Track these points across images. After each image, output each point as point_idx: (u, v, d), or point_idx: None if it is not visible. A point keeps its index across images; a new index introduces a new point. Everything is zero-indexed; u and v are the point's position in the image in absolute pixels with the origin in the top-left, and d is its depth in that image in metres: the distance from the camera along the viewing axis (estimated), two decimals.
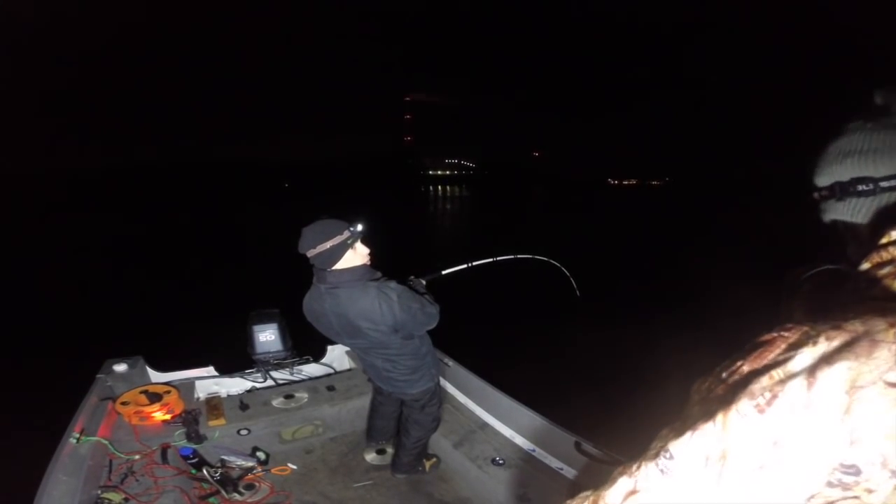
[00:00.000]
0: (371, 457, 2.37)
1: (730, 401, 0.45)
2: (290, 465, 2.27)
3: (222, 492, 1.98)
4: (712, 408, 0.47)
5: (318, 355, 3.01)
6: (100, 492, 1.78)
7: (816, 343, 0.44)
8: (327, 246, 1.71)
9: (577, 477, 1.94)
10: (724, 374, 0.50)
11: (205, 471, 2.04)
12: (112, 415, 2.23)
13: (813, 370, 0.42)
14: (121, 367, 2.55)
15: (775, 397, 0.43)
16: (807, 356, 0.43)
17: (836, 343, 0.43)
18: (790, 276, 0.74)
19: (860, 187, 0.61)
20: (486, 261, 2.34)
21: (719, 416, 0.45)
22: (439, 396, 2.22)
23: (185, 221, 24.61)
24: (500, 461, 2.14)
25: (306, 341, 2.76)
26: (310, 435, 2.46)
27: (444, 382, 2.60)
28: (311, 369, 2.92)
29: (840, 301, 0.54)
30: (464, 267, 2.30)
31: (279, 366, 2.78)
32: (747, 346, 0.50)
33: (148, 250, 14.41)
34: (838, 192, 0.64)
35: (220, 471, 2.08)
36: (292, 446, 2.40)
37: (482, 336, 5.42)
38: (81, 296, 8.62)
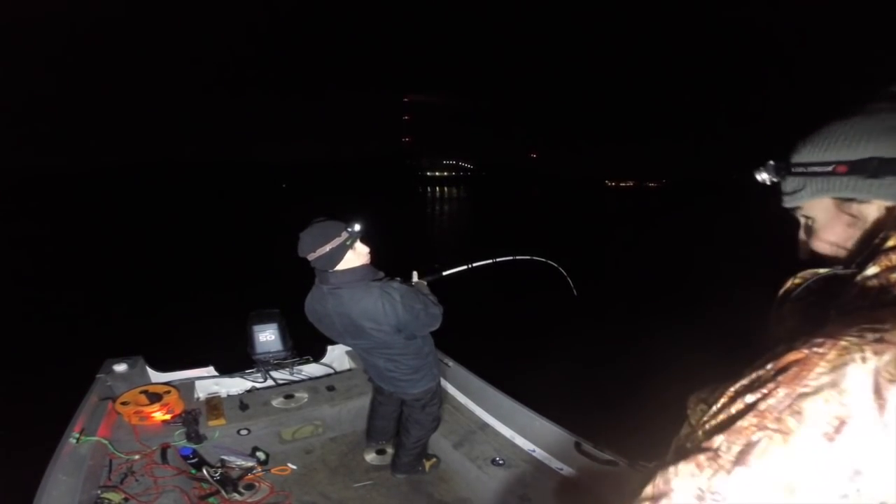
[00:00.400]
0: (371, 457, 2.37)
1: (783, 430, 0.41)
2: (290, 465, 2.27)
3: (222, 492, 1.98)
4: (757, 438, 0.42)
5: (318, 355, 3.01)
6: (100, 492, 1.78)
7: (865, 360, 0.40)
8: (326, 249, 1.71)
9: (577, 477, 1.95)
10: (750, 398, 0.45)
11: (205, 471, 2.03)
12: (112, 415, 2.23)
13: (878, 390, 0.39)
14: (121, 367, 2.55)
15: (843, 423, 0.40)
16: (860, 375, 0.40)
17: (887, 357, 0.40)
18: (786, 280, 0.72)
19: None
20: (485, 262, 2.35)
21: (776, 446, 0.41)
22: (440, 396, 2.22)
23: (184, 221, 24.62)
24: (500, 461, 2.14)
25: (306, 341, 2.76)
26: (310, 435, 2.46)
27: (444, 383, 2.60)
28: (311, 369, 2.92)
29: (842, 307, 0.52)
30: (464, 268, 2.30)
31: (279, 366, 2.78)
32: (768, 364, 0.45)
33: (147, 250, 14.41)
34: (873, 168, 0.56)
35: (220, 471, 2.08)
36: (292, 446, 2.39)
37: (482, 336, 5.42)
38: (81, 296, 8.62)
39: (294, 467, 2.26)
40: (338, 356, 3.07)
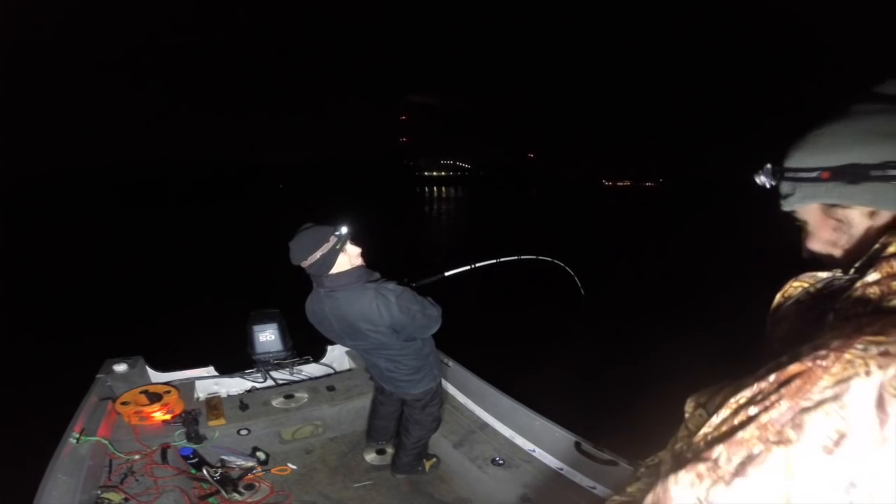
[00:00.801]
0: (371, 457, 2.37)
1: (783, 442, 0.41)
2: (290, 465, 2.27)
3: (222, 492, 1.98)
4: (757, 450, 0.42)
5: (318, 355, 3.01)
6: (100, 492, 1.78)
7: (870, 374, 0.40)
8: (317, 256, 1.72)
9: (577, 477, 1.95)
10: (753, 410, 0.45)
11: (205, 471, 2.03)
12: (112, 415, 2.23)
13: (881, 405, 0.39)
14: (121, 367, 2.55)
15: (843, 437, 0.40)
16: (864, 389, 0.40)
17: (892, 372, 0.39)
18: (784, 284, 0.72)
19: (892, 171, 0.55)
20: (489, 262, 2.31)
21: (777, 459, 0.41)
22: (440, 396, 2.22)
23: (183, 221, 24.62)
24: (500, 461, 2.14)
25: (306, 341, 2.76)
26: (310, 435, 2.46)
27: (444, 383, 2.60)
28: (311, 369, 2.93)
29: (840, 312, 0.52)
30: (467, 269, 2.27)
31: (279, 366, 2.78)
32: (771, 376, 0.45)
33: (147, 250, 14.41)
34: (851, 174, 0.57)
35: (220, 471, 2.08)
36: (292, 446, 2.40)
37: (483, 336, 5.42)
38: (81, 296, 8.62)
39: (294, 467, 2.26)
40: (338, 356, 3.08)
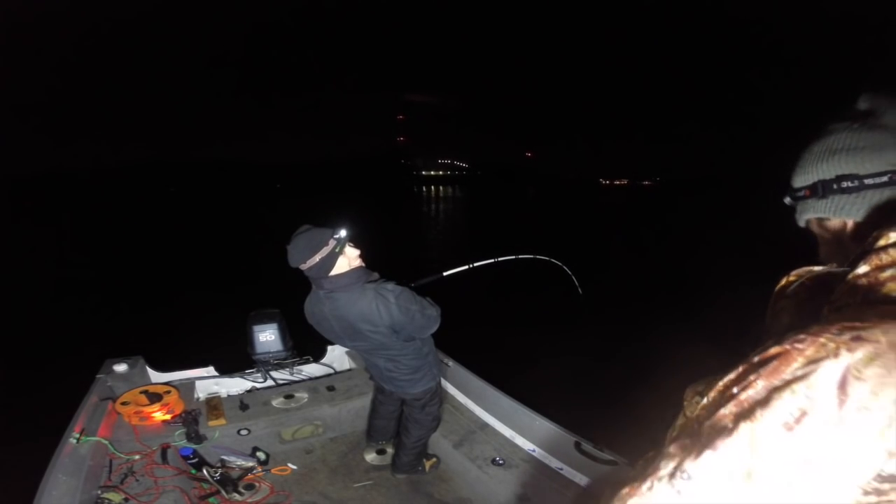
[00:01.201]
0: (371, 457, 2.37)
1: (751, 418, 0.44)
2: (290, 465, 2.27)
3: (222, 492, 1.98)
4: (730, 425, 0.45)
5: (318, 355, 3.01)
6: (100, 492, 1.78)
7: (838, 356, 0.42)
8: (317, 259, 1.71)
9: (577, 477, 1.95)
10: (735, 389, 0.48)
11: (205, 471, 2.03)
12: (112, 415, 2.23)
13: (843, 385, 0.41)
14: (121, 367, 2.55)
15: (805, 415, 0.42)
16: (831, 370, 0.42)
17: (860, 355, 0.41)
18: (781, 278, 0.75)
19: (845, 184, 0.62)
20: (487, 261, 2.32)
21: (743, 434, 0.44)
22: (440, 396, 2.22)
23: (183, 221, 24.61)
24: (500, 461, 2.14)
25: (306, 341, 2.76)
26: (310, 435, 2.46)
27: (444, 383, 2.60)
28: (311, 369, 2.93)
29: (834, 304, 0.54)
30: (465, 268, 2.28)
31: (279, 366, 2.78)
32: (755, 358, 0.48)
33: (146, 250, 14.41)
34: (820, 190, 0.65)
35: (220, 471, 2.08)
36: (292, 446, 2.40)
37: (482, 336, 5.42)
38: (81, 296, 8.62)
39: (294, 467, 2.26)
40: (338, 356, 3.08)
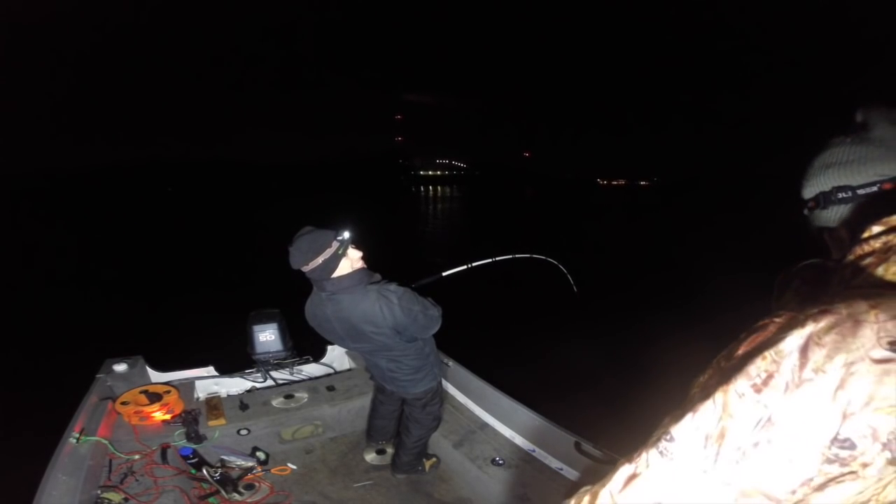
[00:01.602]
0: (371, 457, 2.37)
1: (727, 382, 0.48)
2: (290, 465, 2.26)
3: (222, 492, 1.98)
4: (710, 391, 0.49)
5: (318, 355, 3.01)
6: (100, 492, 1.78)
7: (804, 325, 0.46)
8: (319, 261, 1.70)
9: (577, 477, 1.95)
10: (722, 363, 0.52)
11: (205, 471, 2.03)
12: (112, 415, 2.23)
13: (804, 350, 0.45)
14: (121, 367, 2.55)
15: (770, 377, 0.46)
16: (796, 337, 0.46)
17: (822, 324, 0.45)
18: (784, 272, 0.78)
19: (840, 195, 0.67)
20: (485, 261, 2.33)
21: (718, 396, 0.48)
22: (441, 396, 2.22)
23: (182, 221, 24.61)
24: (500, 461, 2.14)
25: (306, 341, 2.76)
26: (310, 435, 2.46)
27: (444, 383, 2.60)
28: (311, 369, 2.93)
29: (828, 292, 0.58)
30: (464, 268, 2.29)
31: (279, 366, 2.78)
32: (742, 334, 0.53)
33: (146, 251, 14.41)
34: (822, 201, 0.70)
35: (219, 471, 2.08)
36: (292, 446, 2.39)
37: (482, 336, 5.42)
38: (81, 295, 8.62)
39: (294, 467, 2.26)
40: (338, 356, 3.08)
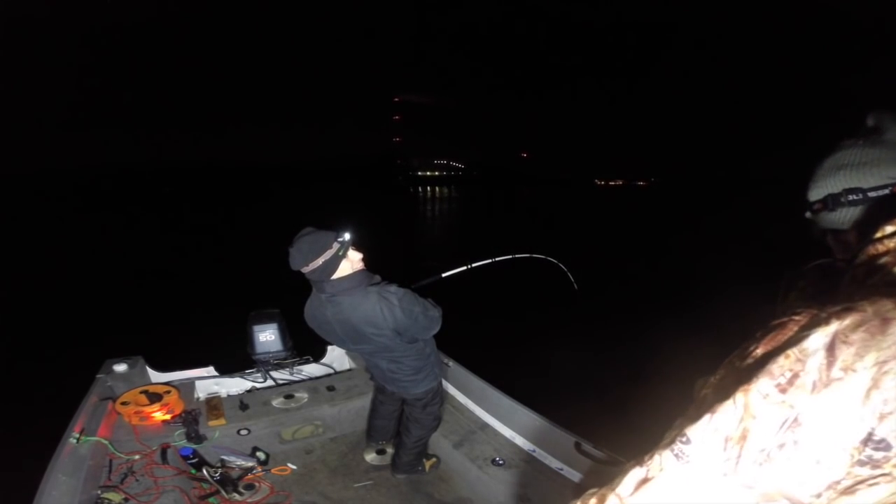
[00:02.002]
0: (371, 457, 2.37)
1: (748, 382, 0.46)
2: (290, 465, 2.26)
3: (222, 492, 1.98)
4: (729, 391, 0.47)
5: (318, 355, 3.01)
6: (100, 492, 1.78)
7: (829, 323, 0.44)
8: (319, 262, 1.70)
9: (578, 477, 1.94)
10: (737, 362, 0.50)
11: (205, 471, 2.03)
12: (112, 415, 2.23)
13: (831, 349, 0.43)
14: (121, 367, 2.55)
15: (796, 376, 0.44)
16: (821, 336, 0.44)
17: (847, 322, 0.43)
18: (788, 273, 0.77)
19: (850, 197, 0.66)
20: (485, 262, 2.33)
21: (739, 396, 0.46)
22: (441, 396, 2.22)
23: (181, 222, 24.58)
24: (500, 461, 2.14)
25: (306, 341, 2.76)
26: (310, 435, 2.46)
27: (444, 383, 2.60)
28: (311, 369, 2.93)
29: (840, 291, 0.56)
30: (463, 269, 2.29)
31: (279, 366, 2.78)
32: (758, 333, 0.51)
33: (146, 251, 14.40)
34: (830, 203, 0.69)
35: (220, 471, 2.08)
36: (292, 446, 2.39)
37: (482, 336, 5.41)
38: (82, 295, 8.62)
39: (294, 467, 2.26)
40: (338, 356, 3.07)
